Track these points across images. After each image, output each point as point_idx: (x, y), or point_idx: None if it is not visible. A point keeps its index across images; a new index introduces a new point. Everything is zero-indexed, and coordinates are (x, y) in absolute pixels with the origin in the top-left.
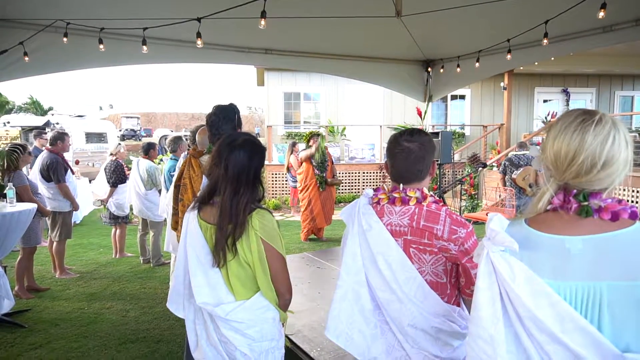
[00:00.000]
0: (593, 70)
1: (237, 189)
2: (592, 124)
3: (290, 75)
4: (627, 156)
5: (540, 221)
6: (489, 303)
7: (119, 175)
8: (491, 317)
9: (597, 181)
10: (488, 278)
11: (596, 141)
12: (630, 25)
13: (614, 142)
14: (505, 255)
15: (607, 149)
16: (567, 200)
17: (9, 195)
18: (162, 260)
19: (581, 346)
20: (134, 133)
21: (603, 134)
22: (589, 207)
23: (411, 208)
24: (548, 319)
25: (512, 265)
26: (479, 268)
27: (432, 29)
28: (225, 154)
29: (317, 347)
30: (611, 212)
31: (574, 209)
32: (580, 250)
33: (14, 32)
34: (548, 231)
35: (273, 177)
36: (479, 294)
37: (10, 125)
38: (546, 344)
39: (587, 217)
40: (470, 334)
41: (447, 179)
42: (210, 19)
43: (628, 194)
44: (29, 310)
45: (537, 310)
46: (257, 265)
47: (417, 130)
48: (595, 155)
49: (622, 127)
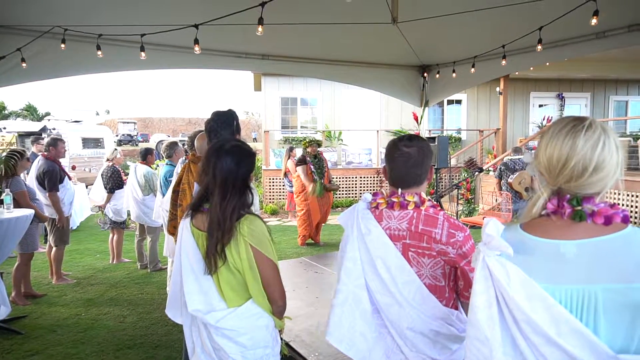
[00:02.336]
0: (588, 75)
1: (224, 195)
2: (582, 129)
3: (287, 80)
4: (617, 160)
5: (535, 226)
6: (485, 306)
7: (116, 180)
8: (487, 320)
9: (589, 185)
10: (484, 282)
11: (587, 146)
12: (624, 32)
13: (604, 146)
14: (501, 260)
15: (597, 153)
16: (561, 205)
17: (6, 201)
18: (159, 265)
19: (576, 348)
20: (131, 138)
21: (593, 139)
22: (582, 211)
23: (409, 212)
24: (543, 322)
25: (507, 269)
26: (476, 272)
27: (428, 35)
28: (213, 160)
29: (315, 351)
30: (604, 216)
31: (567, 213)
32: (575, 254)
33: (11, 38)
34: (543, 236)
35: (270, 182)
36: (475, 298)
37: (7, 130)
38: (542, 346)
39: (581, 222)
40: (468, 336)
41: (443, 184)
42: (207, 25)
43: (623, 198)
44: (26, 316)
45: (533, 314)
46: (247, 272)
47: (415, 136)
48: (587, 160)
49: (611, 133)
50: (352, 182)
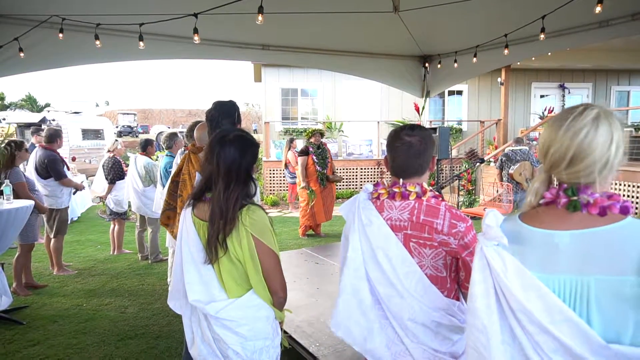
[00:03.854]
0: (589, 66)
1: (228, 184)
2: (569, 117)
3: (288, 71)
4: (604, 153)
5: (533, 216)
6: (483, 295)
7: (117, 171)
8: (485, 309)
9: (574, 174)
10: (482, 271)
11: (567, 134)
12: (627, 20)
13: (586, 135)
14: (498, 250)
15: (577, 142)
16: (557, 195)
17: (5, 192)
18: (160, 256)
19: (569, 337)
20: (131, 129)
21: (576, 127)
22: (577, 201)
23: (411, 203)
24: (537, 311)
25: (504, 258)
26: (474, 262)
27: (429, 24)
28: (216, 150)
29: (316, 342)
30: (599, 207)
31: (562, 203)
32: (568, 244)
33: (8, 28)
34: (539, 226)
35: (271, 174)
36: (474, 287)
37: (6, 121)
38: (536, 334)
39: (576, 212)
40: (467, 324)
41: (444, 175)
42: (207, 14)
43: (624, 189)
44: (27, 307)
45: (527, 303)
46: (248, 262)
47: (417, 125)
48: (564, 148)
49: (606, 122)
50: (353, 174)
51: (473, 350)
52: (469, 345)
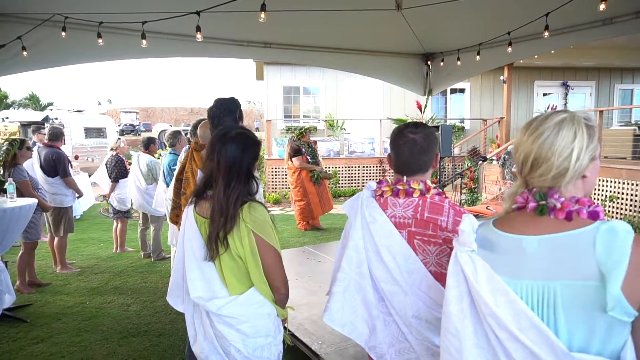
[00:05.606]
0: (593, 64)
1: (228, 182)
2: (534, 122)
3: (290, 69)
4: (565, 158)
5: (505, 221)
6: (457, 300)
7: (120, 169)
8: (458, 313)
9: (538, 178)
10: (456, 276)
11: (530, 139)
12: (631, 18)
13: (544, 141)
14: (472, 255)
15: (536, 147)
16: (527, 199)
17: (9, 191)
18: (162, 254)
19: (536, 344)
20: (133, 128)
21: (537, 132)
22: (544, 206)
23: (415, 200)
24: (506, 317)
25: (475, 264)
26: (449, 267)
27: (432, 22)
28: (217, 147)
29: (319, 340)
30: (566, 211)
31: (531, 207)
32: (536, 249)
33: (11, 27)
34: (509, 231)
35: (273, 171)
36: (448, 291)
37: (9, 120)
38: (506, 340)
39: (544, 216)
40: (442, 328)
41: (447, 173)
42: (209, 12)
43: (626, 187)
44: (31, 305)
45: (497, 308)
46: (249, 259)
47: (421, 123)
48: (527, 151)
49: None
50: (355, 172)
51: (447, 353)
52: (442, 348)
